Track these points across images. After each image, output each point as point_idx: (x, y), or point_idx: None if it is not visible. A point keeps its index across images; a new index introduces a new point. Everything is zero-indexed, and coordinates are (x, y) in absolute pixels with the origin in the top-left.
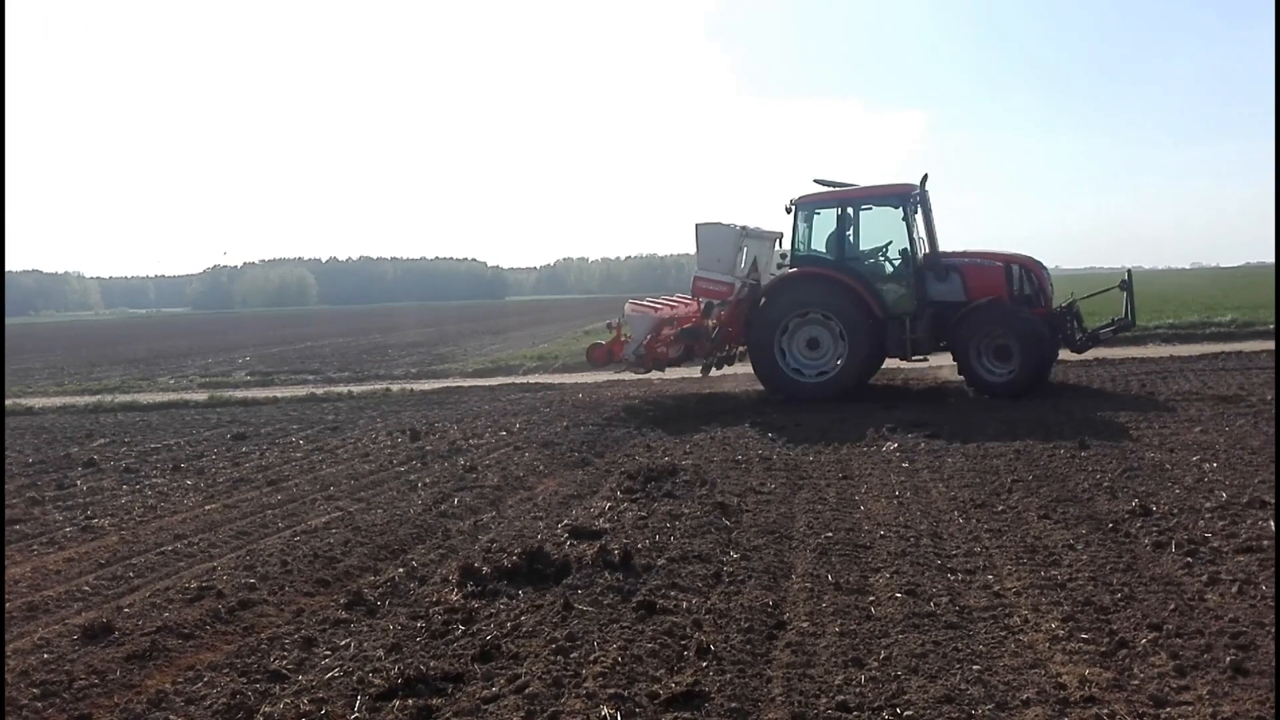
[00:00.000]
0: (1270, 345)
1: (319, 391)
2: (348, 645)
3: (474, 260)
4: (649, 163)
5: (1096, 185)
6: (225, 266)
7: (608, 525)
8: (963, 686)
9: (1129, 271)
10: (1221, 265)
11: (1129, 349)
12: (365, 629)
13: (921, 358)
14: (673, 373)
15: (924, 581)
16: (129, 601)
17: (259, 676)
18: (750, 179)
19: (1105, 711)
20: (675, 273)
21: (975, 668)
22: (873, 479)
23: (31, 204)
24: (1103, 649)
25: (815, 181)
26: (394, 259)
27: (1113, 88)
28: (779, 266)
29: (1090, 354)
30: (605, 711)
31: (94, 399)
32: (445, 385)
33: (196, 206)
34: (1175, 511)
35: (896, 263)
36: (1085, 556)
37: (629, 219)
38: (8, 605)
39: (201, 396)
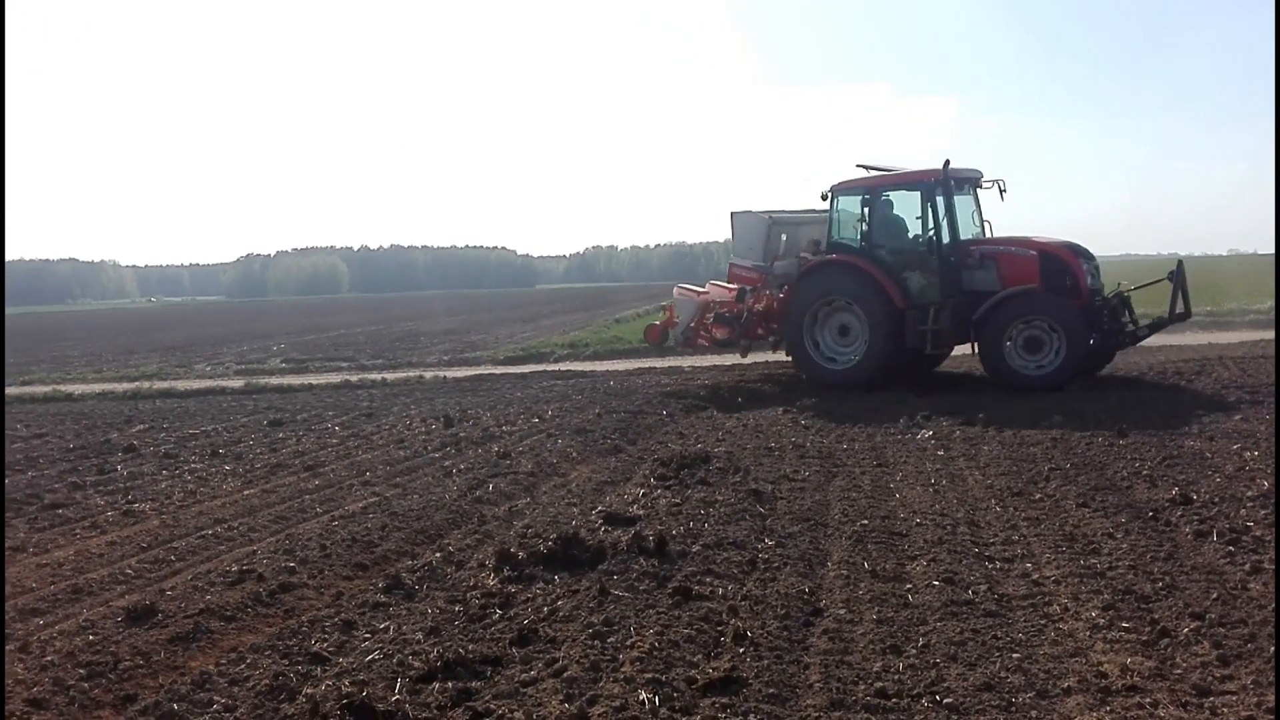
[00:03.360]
0: None
1: (353, 379)
2: (387, 628)
3: (504, 248)
4: (677, 152)
5: (1130, 169)
6: (259, 255)
7: (642, 512)
8: (1003, 674)
9: (1180, 262)
10: (1260, 251)
11: (1166, 337)
12: (404, 612)
13: (944, 350)
14: (704, 360)
15: (961, 569)
16: (171, 584)
17: (300, 658)
18: (781, 166)
19: (1148, 700)
20: (705, 260)
21: (1015, 656)
22: (908, 467)
23: (68, 194)
24: (1144, 638)
25: (858, 166)
26: (425, 247)
27: (1150, 70)
28: (814, 253)
29: None
30: (643, 696)
31: (132, 386)
32: (477, 373)
33: (230, 196)
34: (1216, 500)
35: (922, 250)
36: (1125, 545)
37: (658, 207)
38: (53, 588)
39: (238, 383)
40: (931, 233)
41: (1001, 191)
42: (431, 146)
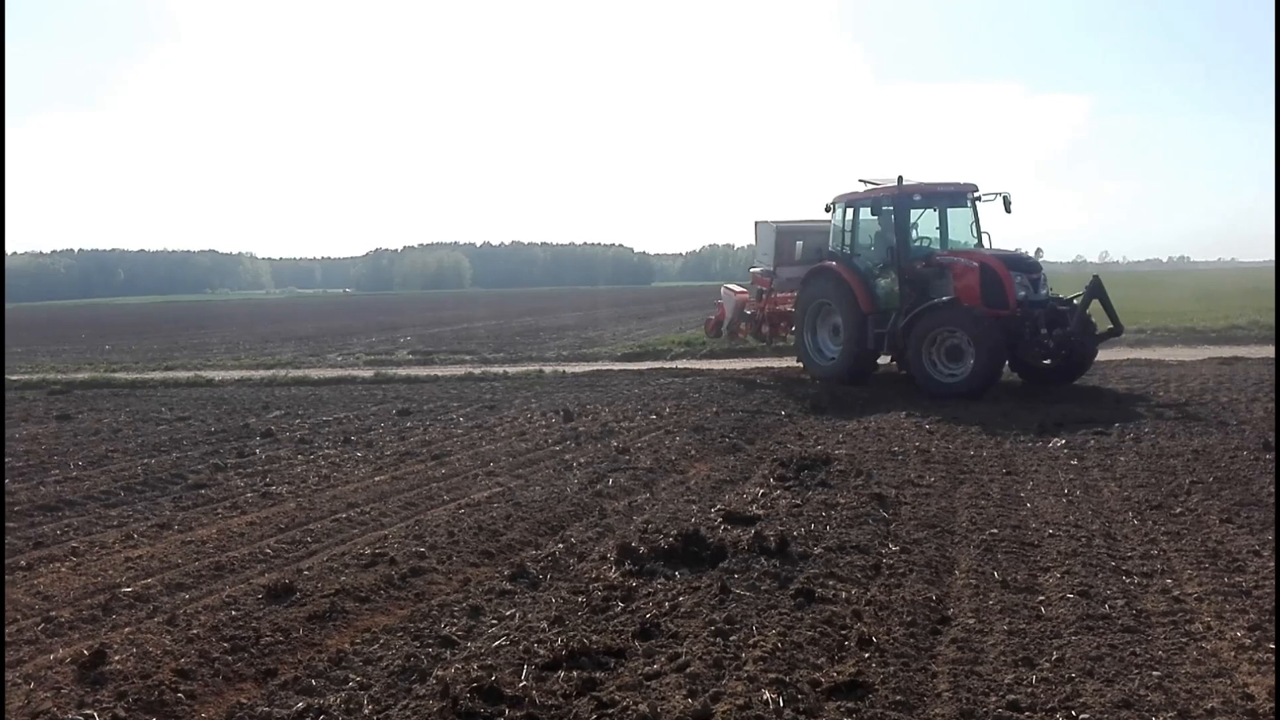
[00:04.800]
0: None
1: (476, 371)
2: (513, 615)
3: (621, 246)
4: (802, 150)
5: (1265, 172)
6: (386, 250)
7: (762, 512)
8: (1142, 692)
9: (1095, 277)
10: None
11: None
12: (529, 601)
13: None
14: None
15: (1097, 583)
16: (308, 565)
17: (431, 641)
18: (909, 165)
19: None
20: None
21: (1155, 674)
22: (1039, 475)
23: (210, 189)
24: None
25: (859, 181)
26: (544, 244)
27: None
28: (820, 260)
29: (1263, 352)
30: (767, 695)
31: (269, 373)
32: (595, 369)
33: (361, 192)
34: None
35: (887, 261)
36: (1272, 563)
37: (779, 206)
38: (197, 564)
39: (368, 373)
40: (894, 244)
41: (1006, 204)
42: (555, 145)
